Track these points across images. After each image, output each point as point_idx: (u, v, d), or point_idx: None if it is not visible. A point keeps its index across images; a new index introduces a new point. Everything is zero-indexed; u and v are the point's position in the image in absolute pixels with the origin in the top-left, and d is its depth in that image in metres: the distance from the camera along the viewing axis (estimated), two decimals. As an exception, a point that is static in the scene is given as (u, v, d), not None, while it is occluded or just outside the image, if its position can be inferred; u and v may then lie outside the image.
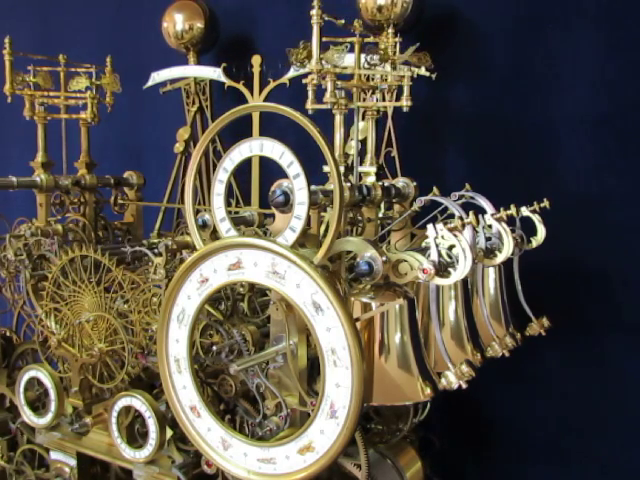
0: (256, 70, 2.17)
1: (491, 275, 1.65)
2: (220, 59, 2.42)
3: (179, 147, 2.48)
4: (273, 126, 1.87)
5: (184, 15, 2.40)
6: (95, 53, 2.29)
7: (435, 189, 1.53)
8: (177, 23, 2.40)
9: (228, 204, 1.32)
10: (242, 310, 1.60)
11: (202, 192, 2.45)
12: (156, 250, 1.62)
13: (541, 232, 1.70)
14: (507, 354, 1.57)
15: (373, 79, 1.74)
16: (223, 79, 2.29)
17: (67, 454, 1.88)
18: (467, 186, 1.61)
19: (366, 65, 1.64)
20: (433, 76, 1.73)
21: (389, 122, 2.13)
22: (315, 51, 1.47)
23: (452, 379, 1.30)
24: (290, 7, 2.45)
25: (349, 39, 1.57)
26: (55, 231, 1.98)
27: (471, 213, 1.36)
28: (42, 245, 1.89)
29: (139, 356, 1.62)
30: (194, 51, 2.44)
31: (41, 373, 1.83)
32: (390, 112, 2.11)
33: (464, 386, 1.30)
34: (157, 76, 2.43)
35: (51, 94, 2.11)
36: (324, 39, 1.49)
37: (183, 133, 2.49)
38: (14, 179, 2.02)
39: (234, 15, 2.57)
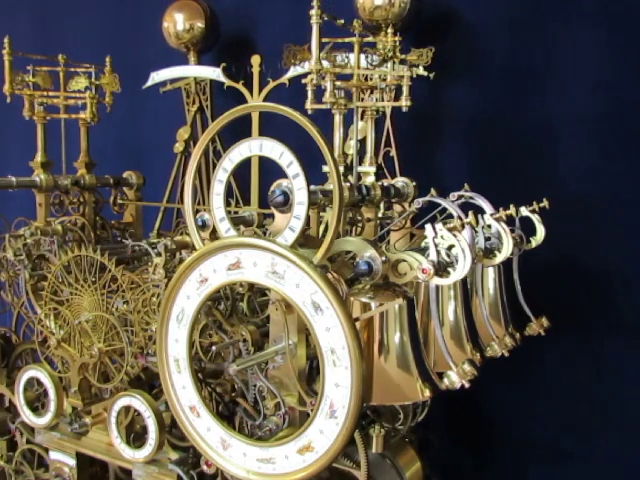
0: (255, 70, 2.16)
1: (490, 275, 1.64)
2: (220, 59, 2.42)
3: (179, 147, 2.49)
4: (273, 126, 1.86)
5: (184, 15, 2.41)
6: (95, 53, 2.29)
7: (433, 190, 1.53)
8: (178, 23, 2.41)
9: (227, 204, 1.32)
10: (242, 310, 1.59)
11: (202, 192, 2.46)
12: (155, 250, 1.62)
13: (540, 232, 1.69)
14: (507, 354, 1.57)
15: (372, 79, 1.74)
16: (223, 79, 2.29)
17: (66, 454, 1.88)
18: (466, 186, 1.61)
19: (370, 67, 1.64)
20: (431, 75, 1.72)
21: (387, 122, 2.13)
22: (314, 51, 1.47)
23: (454, 379, 1.30)
24: (290, 6, 2.45)
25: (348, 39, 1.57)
26: (54, 231, 1.98)
27: (470, 213, 1.36)
28: (42, 245, 1.89)
29: (138, 356, 1.61)
30: (194, 51, 2.45)
31: (40, 373, 1.83)
32: (389, 112, 2.11)
33: (467, 385, 1.30)
34: (157, 76, 2.43)
35: (50, 94, 2.11)
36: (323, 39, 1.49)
37: (183, 133, 2.49)
38: (13, 179, 2.02)
39: (234, 15, 2.57)
